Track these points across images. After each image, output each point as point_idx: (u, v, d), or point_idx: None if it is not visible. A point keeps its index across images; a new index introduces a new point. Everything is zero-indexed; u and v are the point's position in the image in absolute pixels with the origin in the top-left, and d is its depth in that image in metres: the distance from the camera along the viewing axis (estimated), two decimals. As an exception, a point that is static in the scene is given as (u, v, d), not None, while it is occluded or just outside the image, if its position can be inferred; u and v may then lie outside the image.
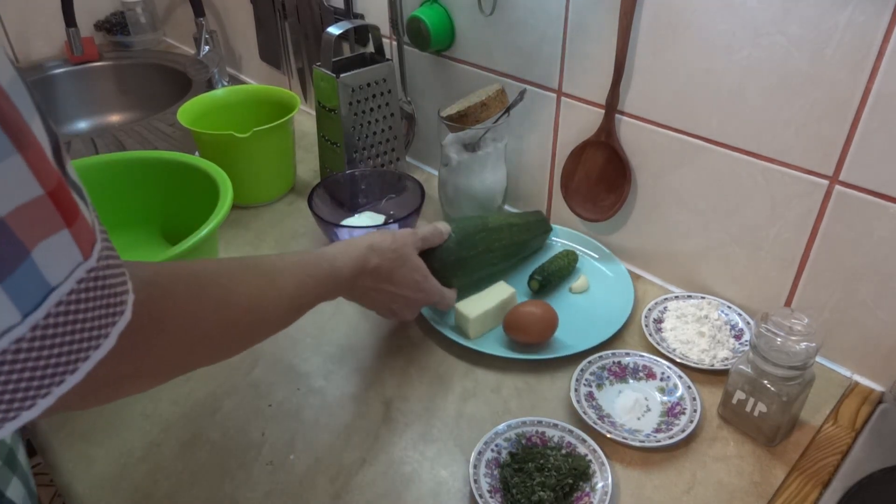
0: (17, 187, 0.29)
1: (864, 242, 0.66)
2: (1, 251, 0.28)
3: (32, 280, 0.30)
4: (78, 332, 0.32)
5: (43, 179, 0.30)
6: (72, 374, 0.32)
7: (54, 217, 0.31)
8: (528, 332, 0.74)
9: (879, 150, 0.61)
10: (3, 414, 0.31)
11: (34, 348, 0.31)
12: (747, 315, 0.77)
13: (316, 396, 0.71)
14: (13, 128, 0.29)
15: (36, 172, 0.30)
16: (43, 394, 0.32)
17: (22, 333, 0.30)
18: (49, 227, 0.30)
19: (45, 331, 0.31)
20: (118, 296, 0.35)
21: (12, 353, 0.30)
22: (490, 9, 0.87)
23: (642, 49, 0.74)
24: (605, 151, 0.83)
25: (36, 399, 0.32)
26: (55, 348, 0.31)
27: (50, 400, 0.32)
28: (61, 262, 0.31)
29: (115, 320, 0.34)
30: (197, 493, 0.61)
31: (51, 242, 0.30)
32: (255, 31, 1.34)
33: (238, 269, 0.51)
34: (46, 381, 0.32)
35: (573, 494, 0.59)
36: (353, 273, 0.64)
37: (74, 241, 0.32)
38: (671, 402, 0.68)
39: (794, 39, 0.63)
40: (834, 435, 0.66)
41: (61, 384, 0.32)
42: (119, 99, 1.57)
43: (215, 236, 0.78)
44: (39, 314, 0.30)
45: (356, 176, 0.98)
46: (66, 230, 0.31)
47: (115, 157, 0.89)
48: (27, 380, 0.31)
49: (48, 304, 0.31)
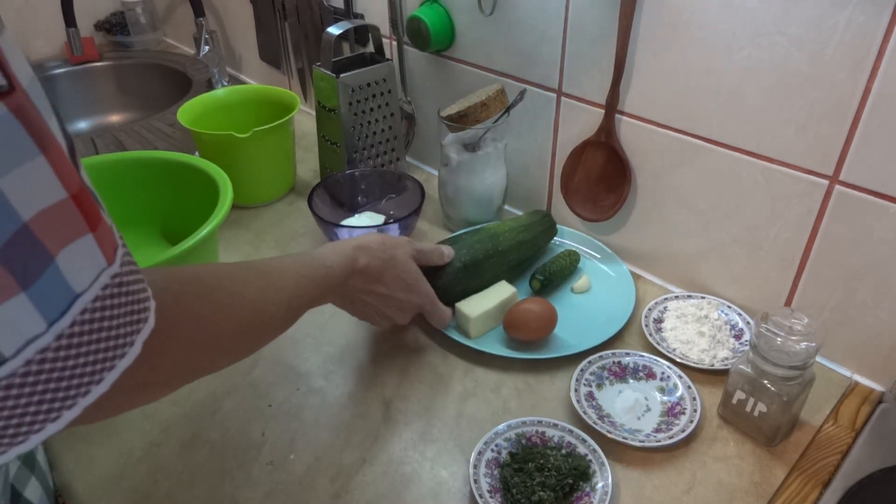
0: (41, 190, 0.28)
1: (864, 242, 0.66)
2: (25, 258, 0.27)
3: (57, 287, 0.29)
4: (103, 341, 0.31)
5: (66, 182, 0.29)
6: (97, 384, 0.31)
7: (78, 221, 0.30)
8: (527, 329, 0.74)
9: (879, 150, 0.61)
10: (27, 427, 0.30)
11: (59, 358, 0.29)
12: (747, 315, 0.77)
13: (316, 396, 0.71)
14: (36, 129, 0.28)
15: (59, 175, 0.29)
16: (69, 405, 0.31)
17: (47, 343, 0.29)
18: (73, 231, 0.29)
19: (71, 340, 0.30)
20: (140, 302, 0.34)
21: (37, 363, 0.29)
22: (490, 9, 0.87)
23: (642, 49, 0.74)
24: (605, 151, 0.83)
25: (62, 411, 0.31)
26: (80, 357, 0.30)
27: (76, 411, 0.31)
28: (86, 268, 0.30)
29: (139, 328, 0.33)
30: (197, 493, 0.61)
31: (75, 247, 0.29)
32: (255, 31, 1.34)
33: (239, 272, 0.51)
34: (72, 392, 0.30)
35: (573, 494, 0.59)
36: (344, 272, 0.63)
37: (98, 245, 0.31)
38: (671, 402, 0.68)
39: (794, 39, 0.63)
40: (834, 435, 0.66)
41: (87, 395, 0.31)
42: (119, 99, 1.57)
43: (215, 236, 0.78)
44: (65, 322, 0.29)
45: (356, 176, 0.98)
46: (90, 234, 0.30)
47: (115, 157, 0.89)
48: (52, 391, 0.30)
49: (73, 311, 0.30)
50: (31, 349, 0.28)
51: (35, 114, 0.28)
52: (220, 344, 0.46)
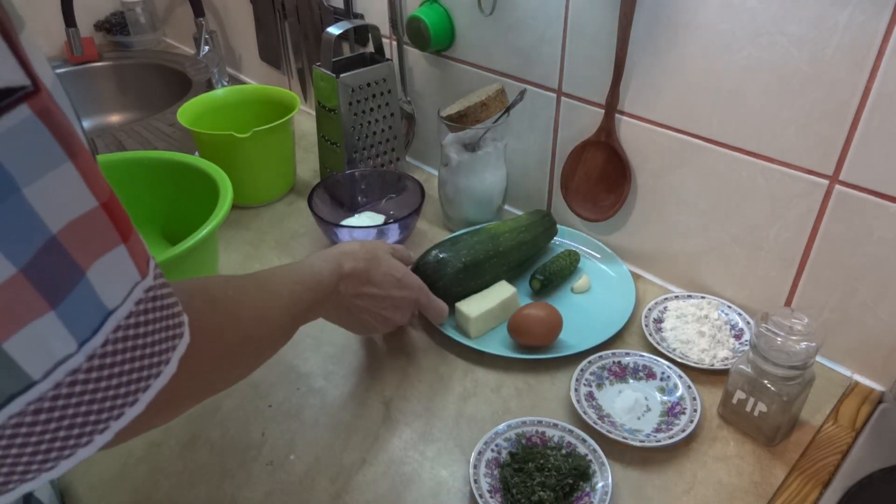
0: (71, 199, 0.26)
1: (864, 242, 0.66)
2: (54, 272, 0.25)
3: (89, 303, 0.27)
4: (137, 360, 0.29)
5: (95, 190, 0.27)
6: (131, 405, 0.29)
7: (110, 232, 0.28)
8: (532, 335, 0.74)
9: (879, 150, 0.61)
10: (57, 452, 0.28)
11: (91, 380, 0.27)
12: (747, 315, 0.77)
13: (316, 396, 0.71)
14: (62, 133, 0.26)
15: (88, 182, 0.27)
16: (101, 429, 0.29)
17: (78, 364, 0.27)
18: (105, 243, 0.27)
19: (104, 360, 0.28)
20: (175, 317, 0.32)
21: (67, 385, 0.27)
22: (490, 9, 0.87)
23: (642, 49, 0.74)
24: (605, 151, 0.83)
25: (93, 435, 0.29)
26: (114, 378, 0.28)
27: (108, 436, 0.29)
28: (119, 282, 0.28)
29: (174, 344, 0.31)
30: (197, 493, 0.61)
31: (107, 260, 0.27)
32: (255, 31, 1.34)
33: (237, 281, 0.50)
34: (104, 416, 0.28)
35: (573, 494, 0.59)
36: (333, 276, 0.63)
37: (131, 257, 0.29)
38: (671, 402, 0.68)
39: (794, 39, 0.63)
40: (834, 435, 0.66)
41: (120, 418, 0.29)
42: (119, 99, 1.57)
43: (215, 236, 0.78)
44: (97, 341, 0.27)
45: (356, 176, 0.98)
46: (122, 246, 0.28)
47: (115, 157, 0.89)
48: (83, 414, 0.28)
49: (106, 329, 0.28)
50: (61, 371, 0.27)
51: (61, 117, 0.26)
52: (231, 355, 0.44)
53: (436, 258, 0.79)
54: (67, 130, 0.26)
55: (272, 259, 0.92)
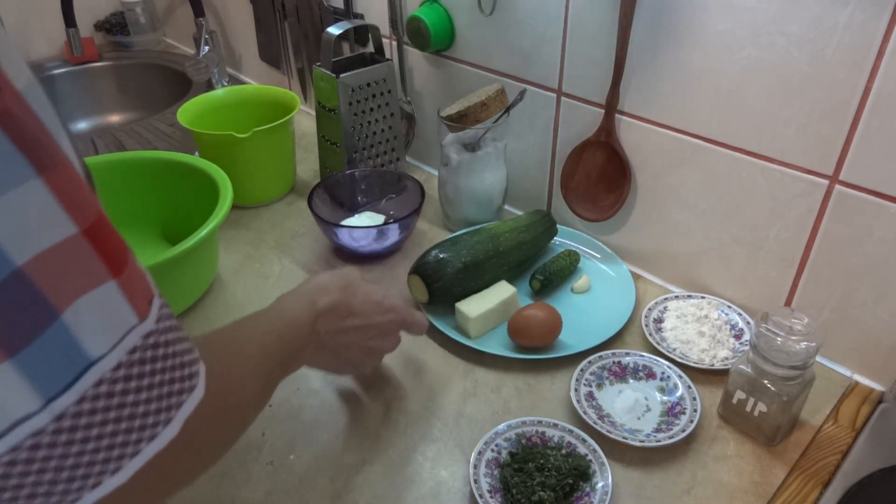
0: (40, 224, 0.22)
1: (864, 242, 0.66)
2: (13, 313, 0.21)
3: (61, 352, 0.22)
4: (125, 420, 0.25)
5: (76, 213, 0.23)
6: (112, 474, 0.25)
7: (95, 264, 0.23)
8: (532, 336, 0.74)
9: (879, 150, 0.61)
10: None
11: (59, 444, 0.23)
12: (747, 315, 0.77)
13: (316, 396, 0.71)
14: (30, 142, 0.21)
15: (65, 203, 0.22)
16: (71, 500, 0.24)
17: (42, 424, 0.22)
18: (89, 278, 0.23)
19: (77, 420, 0.23)
20: (183, 367, 0.27)
21: (28, 450, 0.22)
22: (490, 9, 0.87)
23: (642, 49, 0.74)
24: (605, 151, 0.83)
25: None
26: (90, 443, 0.24)
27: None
28: (106, 326, 0.24)
29: (181, 400, 0.27)
30: (197, 493, 0.61)
31: (91, 299, 0.23)
32: (255, 31, 1.34)
33: (204, 343, 0.39)
34: (75, 485, 0.24)
35: (573, 494, 0.59)
36: (307, 315, 0.56)
37: (124, 295, 0.24)
38: (671, 402, 0.68)
39: (794, 39, 0.63)
40: (834, 435, 0.66)
41: (96, 488, 0.24)
42: (119, 99, 1.57)
43: (215, 236, 0.78)
44: (68, 399, 0.23)
45: (356, 176, 0.98)
46: (112, 282, 0.24)
47: (115, 157, 0.89)
48: (48, 483, 0.23)
49: (84, 384, 0.23)
50: (19, 433, 0.22)
51: (31, 123, 0.22)
52: (191, 445, 0.35)
53: (436, 258, 0.79)
54: (36, 140, 0.22)
55: (272, 259, 0.92)
